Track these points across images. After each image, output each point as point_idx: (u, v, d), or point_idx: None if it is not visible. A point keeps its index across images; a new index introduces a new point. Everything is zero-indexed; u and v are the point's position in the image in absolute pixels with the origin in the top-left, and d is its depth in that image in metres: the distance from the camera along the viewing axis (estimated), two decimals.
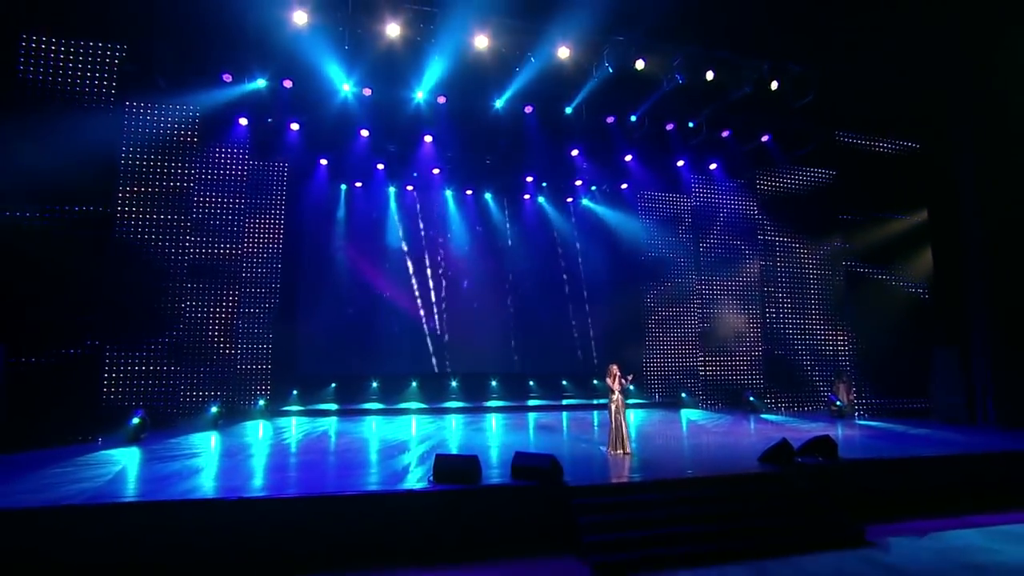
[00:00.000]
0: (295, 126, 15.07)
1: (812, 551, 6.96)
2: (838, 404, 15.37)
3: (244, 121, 14.61)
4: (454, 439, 11.93)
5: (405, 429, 13.32)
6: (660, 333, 18.92)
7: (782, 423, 14.17)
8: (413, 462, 9.10)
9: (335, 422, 14.70)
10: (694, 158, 17.48)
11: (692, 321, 18.61)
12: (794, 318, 17.32)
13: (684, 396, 18.21)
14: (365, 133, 15.55)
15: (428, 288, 19.73)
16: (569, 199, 21.03)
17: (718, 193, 18.18)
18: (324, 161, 17.49)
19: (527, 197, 20.53)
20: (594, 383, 19.36)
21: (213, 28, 11.52)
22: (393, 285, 19.42)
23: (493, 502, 7.33)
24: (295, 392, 16.86)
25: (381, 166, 17.84)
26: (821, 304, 17.53)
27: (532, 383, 19.59)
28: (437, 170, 18.05)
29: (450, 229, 20.11)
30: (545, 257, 20.78)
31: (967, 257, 14.13)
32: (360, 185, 19.17)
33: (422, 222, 19.98)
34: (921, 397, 15.19)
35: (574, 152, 17.08)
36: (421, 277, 19.78)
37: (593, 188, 20.56)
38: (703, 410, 17.23)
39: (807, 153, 16.67)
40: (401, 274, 19.62)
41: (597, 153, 17.08)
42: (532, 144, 15.76)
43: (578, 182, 19.79)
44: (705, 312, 17.90)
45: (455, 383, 18.93)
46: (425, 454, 9.72)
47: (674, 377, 18.79)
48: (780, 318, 17.26)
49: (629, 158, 17.39)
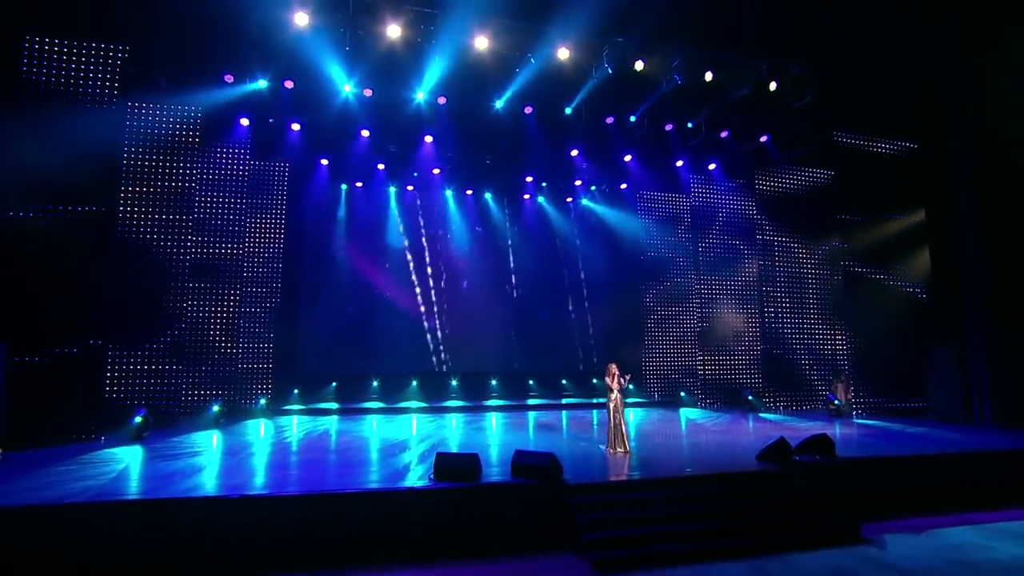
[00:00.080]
0: (296, 126, 15.13)
1: (809, 548, 7.03)
2: (836, 403, 15.42)
3: (245, 121, 14.66)
4: (454, 438, 11.98)
5: (405, 428, 13.37)
6: (659, 332, 18.99)
7: (780, 422, 14.24)
8: (414, 460, 9.16)
9: (336, 421, 14.75)
10: (693, 158, 17.53)
11: (691, 320, 18.66)
12: (792, 318, 17.38)
13: (683, 395, 18.28)
14: (366, 133, 15.60)
15: (428, 288, 19.77)
16: (569, 199, 21.04)
17: (717, 193, 18.23)
18: (325, 161, 17.54)
19: (527, 197, 20.55)
20: (593, 382, 19.42)
21: (215, 29, 11.58)
22: (393, 285, 19.47)
23: (493, 500, 7.37)
24: (296, 391, 16.90)
25: (382, 166, 17.88)
26: (819, 304, 17.61)
27: (532, 382, 19.65)
28: (437, 170, 18.09)
29: (450, 229, 20.15)
30: (545, 257, 20.80)
31: (964, 257, 14.18)
32: (361, 185, 19.21)
33: (422, 222, 20.01)
34: (918, 396, 15.28)
35: (574, 152, 17.12)
36: (421, 277, 19.82)
37: (593, 188, 20.58)
38: (702, 409, 17.29)
39: (806, 153, 16.71)
40: (401, 274, 19.66)
41: (597, 153, 17.12)
42: (532, 144, 15.81)
43: (578, 182, 19.81)
44: (704, 311, 17.95)
45: (455, 382, 18.98)
46: (425, 453, 9.78)
47: (673, 376, 18.86)
48: (779, 318, 17.32)
49: (628, 158, 17.44)
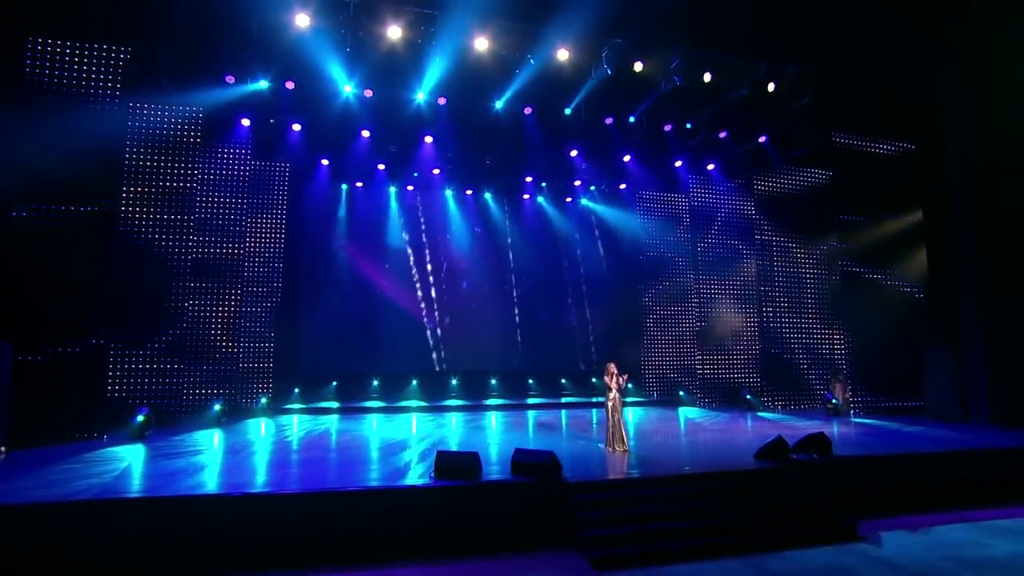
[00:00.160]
0: (297, 127, 15.22)
1: (806, 546, 7.08)
2: (834, 402, 15.49)
3: (246, 121, 14.72)
4: (454, 436, 12.03)
5: (405, 427, 13.43)
6: (658, 332, 19.05)
7: (778, 421, 14.31)
8: (414, 459, 9.21)
9: (336, 420, 14.80)
10: (692, 159, 17.61)
11: (690, 320, 18.72)
12: (791, 317, 17.46)
13: (682, 394, 18.36)
14: (366, 133, 15.68)
15: (428, 287, 19.84)
16: (568, 199, 21.10)
17: (716, 193, 18.29)
18: (325, 161, 17.61)
19: (527, 197, 20.62)
20: (593, 381, 19.48)
21: (216, 30, 11.66)
22: (394, 284, 19.53)
23: (493, 498, 7.43)
24: (297, 390, 16.98)
25: (382, 166, 17.95)
26: (817, 303, 17.69)
27: (531, 381, 19.73)
28: (437, 170, 18.15)
29: (450, 229, 20.21)
30: (544, 256, 20.87)
31: (961, 258, 14.24)
32: (361, 185, 19.28)
33: (422, 222, 20.09)
34: (915, 396, 15.35)
35: (573, 152, 17.20)
36: (421, 276, 19.89)
37: (592, 188, 20.64)
38: (700, 408, 17.35)
39: (804, 154, 16.79)
40: (401, 273, 19.73)
41: (596, 153, 17.20)
42: (532, 144, 15.89)
43: (577, 182, 19.88)
44: (703, 311, 18.01)
45: (455, 381, 19.06)
46: (426, 451, 9.82)
47: (672, 375, 18.92)
48: (777, 317, 17.40)
49: (628, 158, 17.52)
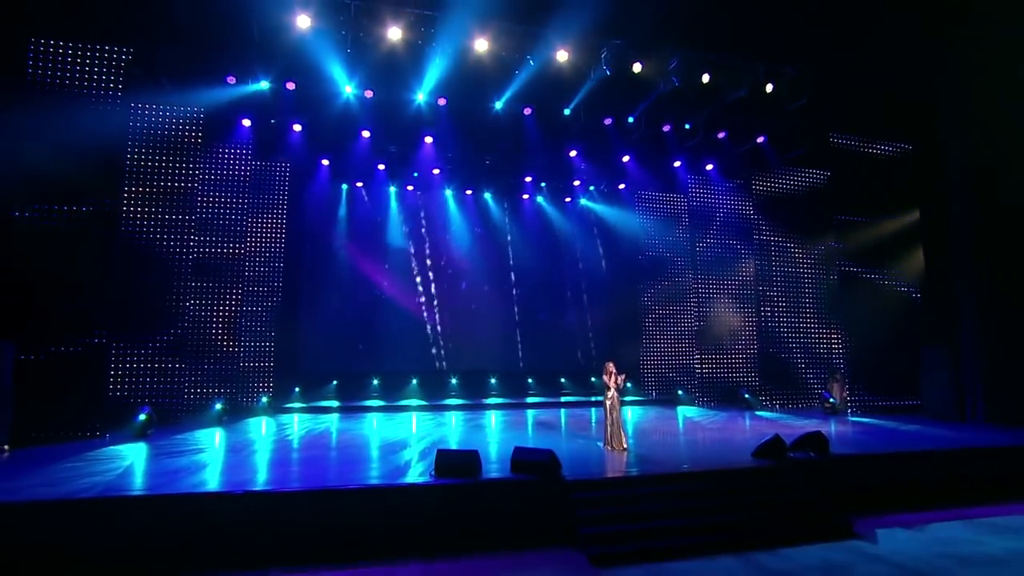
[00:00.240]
0: (298, 127, 15.28)
1: (801, 543, 7.14)
2: (831, 401, 15.56)
3: (247, 122, 14.77)
4: (454, 435, 12.09)
5: (406, 426, 13.49)
6: (657, 331, 19.10)
7: (776, 420, 14.38)
8: (414, 457, 9.26)
9: (336, 419, 14.86)
10: (691, 159, 17.69)
11: (689, 319, 18.78)
12: (789, 317, 17.54)
13: (680, 393, 18.42)
14: (366, 134, 15.75)
15: (428, 287, 19.91)
16: (568, 199, 21.17)
17: (714, 193, 18.36)
18: (326, 161, 17.67)
19: (526, 197, 20.68)
20: (592, 380, 19.55)
21: (218, 31, 11.73)
22: (394, 284, 19.61)
23: (493, 496, 7.48)
24: (297, 389, 17.04)
25: (382, 166, 18.02)
26: (815, 303, 17.78)
27: (531, 380, 19.82)
28: (437, 170, 18.22)
29: (450, 229, 20.28)
30: (544, 256, 20.94)
31: (958, 258, 14.31)
32: (361, 185, 19.36)
33: (422, 222, 20.16)
34: (912, 395, 15.42)
35: (572, 153, 17.27)
36: (421, 276, 19.96)
37: (591, 188, 20.71)
38: (699, 407, 17.42)
39: (802, 154, 16.88)
40: (401, 273, 19.80)
41: (595, 154, 17.27)
42: (531, 145, 15.96)
43: (576, 182, 19.94)
44: (701, 310, 18.07)
45: (455, 380, 19.13)
46: (426, 450, 9.88)
47: (670, 374, 18.96)
48: (775, 317, 17.48)
49: (627, 159, 17.60)
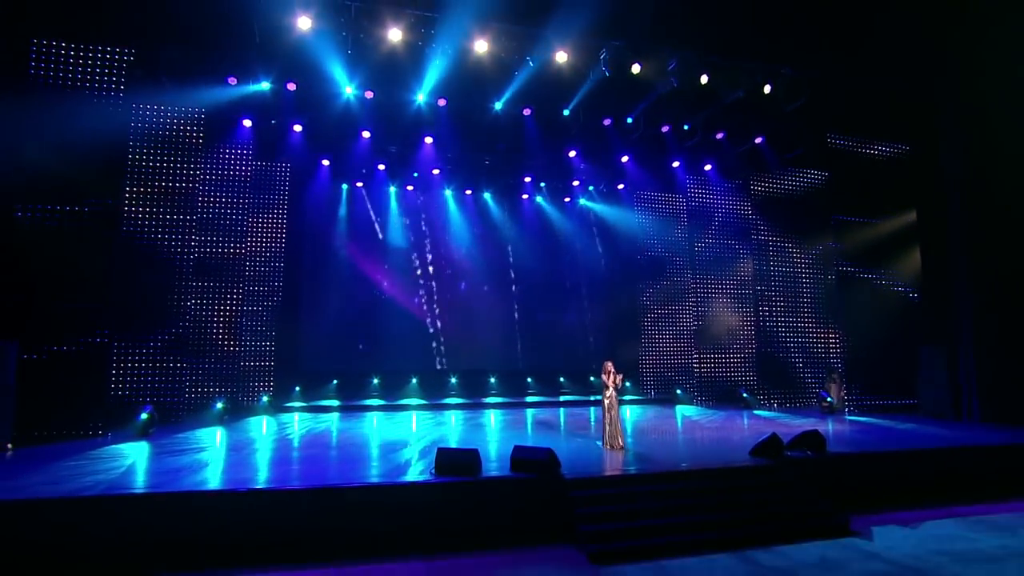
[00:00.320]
0: (298, 127, 15.33)
1: (799, 540, 7.21)
2: (829, 400, 15.63)
3: (248, 122, 14.81)
4: (454, 434, 12.15)
5: (406, 425, 13.55)
6: (656, 330, 19.13)
7: (774, 419, 14.45)
8: (414, 456, 9.32)
9: (337, 418, 14.92)
10: (689, 159, 17.76)
11: (687, 319, 18.83)
12: (787, 317, 17.61)
13: (679, 392, 18.49)
14: (367, 134, 15.80)
15: (428, 286, 19.97)
16: (567, 199, 21.23)
17: (713, 194, 18.42)
18: (326, 161, 17.72)
19: (526, 197, 20.73)
20: (591, 380, 19.62)
21: (219, 32, 11.78)
22: (394, 284, 19.67)
23: (493, 494, 7.54)
24: (298, 388, 17.09)
25: (382, 166, 18.08)
26: (813, 303, 17.85)
27: (530, 380, 19.87)
28: (437, 171, 18.28)
29: (450, 228, 20.33)
30: (543, 256, 20.98)
31: (954, 258, 14.36)
32: (361, 185, 19.41)
33: (422, 222, 20.21)
34: (909, 394, 15.49)
35: (572, 153, 17.33)
36: (421, 276, 20.01)
37: (590, 188, 20.76)
38: (697, 406, 17.49)
39: (800, 155, 16.94)
40: (401, 273, 19.86)
41: (594, 154, 17.34)
42: (531, 145, 16.03)
43: (576, 182, 20.00)
44: (700, 310, 18.13)
45: (455, 380, 19.19)
46: (426, 448, 9.95)
47: (669, 374, 18.99)
48: (773, 316, 17.55)
49: (626, 159, 17.67)
